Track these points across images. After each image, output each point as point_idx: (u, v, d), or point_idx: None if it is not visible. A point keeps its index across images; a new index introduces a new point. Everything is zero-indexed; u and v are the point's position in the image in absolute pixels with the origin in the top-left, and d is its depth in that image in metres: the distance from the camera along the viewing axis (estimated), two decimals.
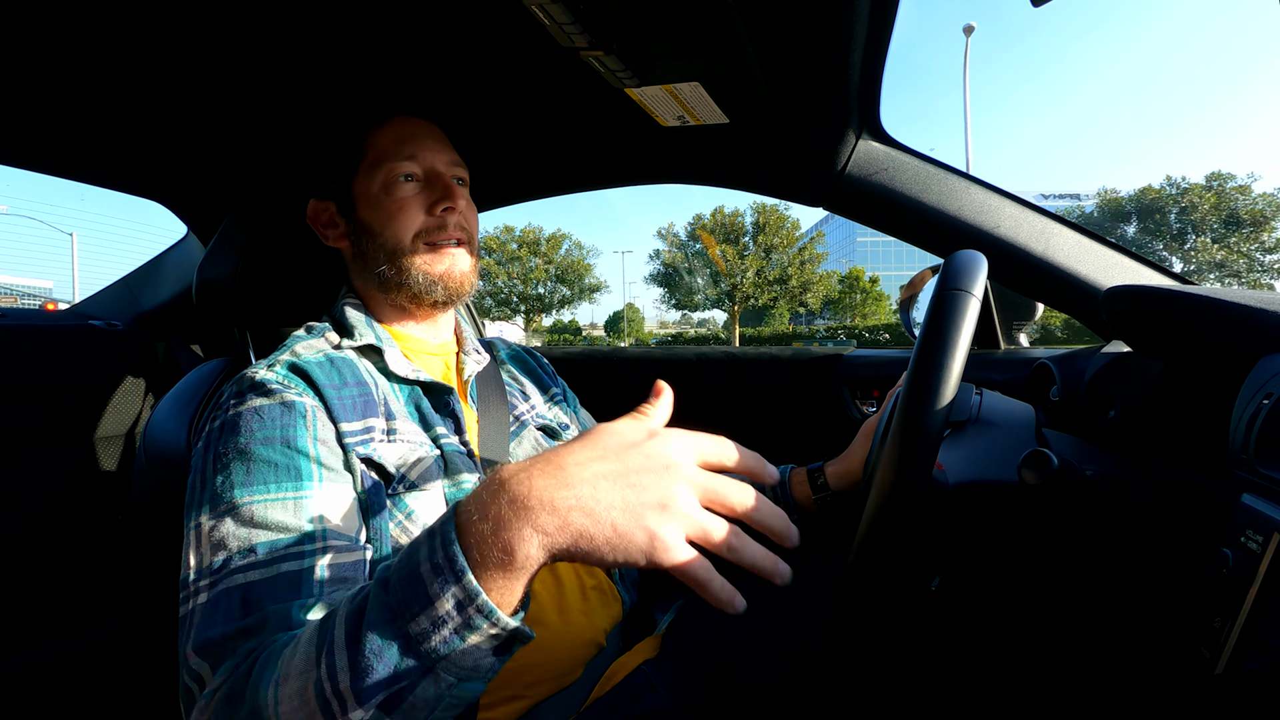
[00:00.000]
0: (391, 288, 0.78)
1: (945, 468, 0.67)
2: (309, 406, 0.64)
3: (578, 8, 0.65)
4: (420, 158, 0.78)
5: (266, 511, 0.57)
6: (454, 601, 0.39)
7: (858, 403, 1.32)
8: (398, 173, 0.77)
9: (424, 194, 0.78)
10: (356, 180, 0.79)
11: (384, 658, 0.40)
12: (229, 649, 0.50)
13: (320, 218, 0.82)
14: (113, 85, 0.84)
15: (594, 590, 0.78)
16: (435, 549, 0.41)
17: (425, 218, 0.77)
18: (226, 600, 0.53)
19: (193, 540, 0.57)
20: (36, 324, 1.22)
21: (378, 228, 0.77)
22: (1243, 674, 0.43)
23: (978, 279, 0.51)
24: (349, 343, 0.74)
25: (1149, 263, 0.91)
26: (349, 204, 0.80)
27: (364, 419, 0.68)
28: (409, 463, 0.68)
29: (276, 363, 0.67)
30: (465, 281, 0.80)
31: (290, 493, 0.59)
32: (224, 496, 0.58)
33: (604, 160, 1.18)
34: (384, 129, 0.79)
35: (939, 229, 0.97)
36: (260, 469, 0.59)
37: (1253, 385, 0.52)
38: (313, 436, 0.63)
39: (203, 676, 0.51)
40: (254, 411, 0.63)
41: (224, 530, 0.56)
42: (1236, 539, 0.45)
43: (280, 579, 0.54)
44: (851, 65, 0.80)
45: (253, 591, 0.53)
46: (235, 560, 0.55)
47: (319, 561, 0.57)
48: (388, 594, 0.41)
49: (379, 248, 0.77)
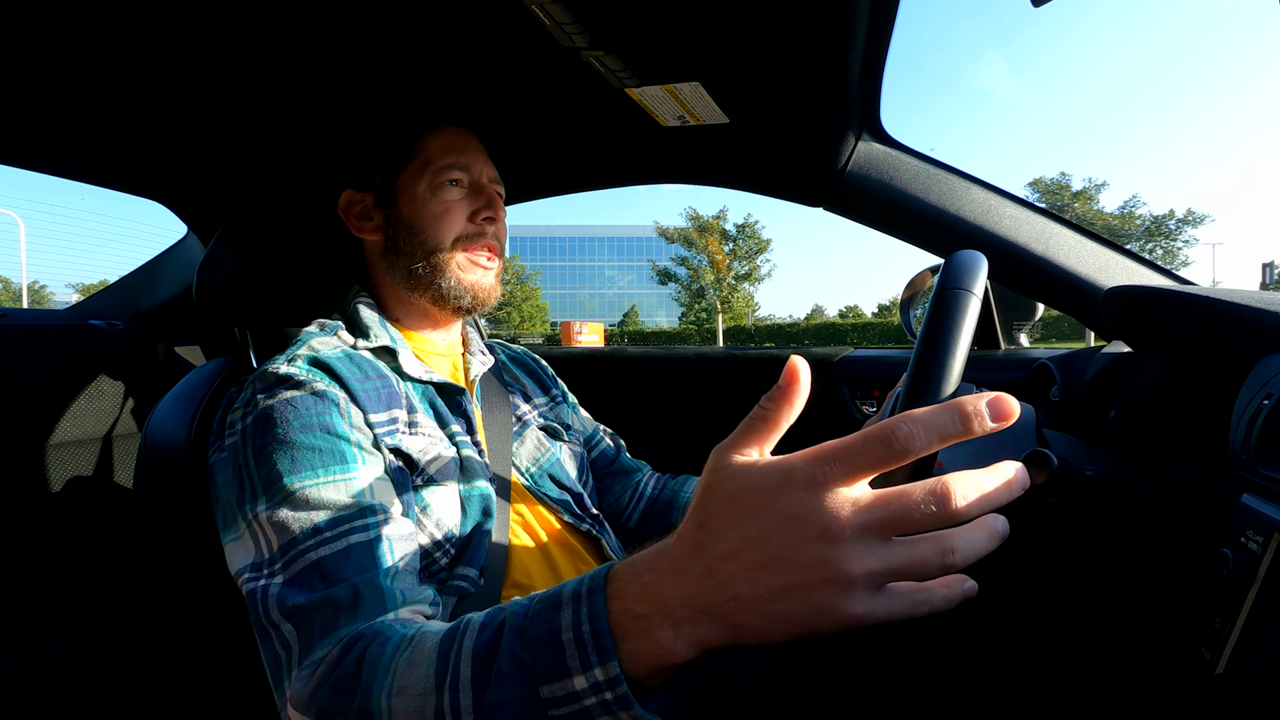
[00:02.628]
0: (420, 287, 0.80)
1: (945, 466, 0.67)
2: (339, 395, 0.66)
3: (578, 7, 0.65)
4: (471, 168, 0.81)
5: (320, 493, 0.59)
6: (592, 682, 0.37)
7: (858, 403, 1.32)
8: (448, 177, 0.79)
9: (468, 201, 0.81)
10: (402, 177, 0.80)
11: (510, 711, 0.39)
12: (320, 618, 0.52)
13: (353, 209, 0.83)
14: (113, 84, 0.84)
15: None
16: (582, 619, 0.38)
17: (467, 224, 0.80)
18: (304, 576, 0.55)
19: (249, 531, 0.59)
20: (37, 323, 1.22)
21: (419, 226, 0.79)
22: (1243, 674, 0.43)
23: (978, 279, 0.51)
24: (364, 343, 0.76)
25: (1149, 263, 0.91)
26: (389, 198, 0.81)
27: (388, 410, 0.70)
28: (429, 457, 0.70)
29: (296, 358, 0.68)
30: (492, 293, 0.83)
31: (339, 475, 0.61)
32: (275, 486, 0.59)
33: (604, 160, 1.18)
34: (437, 135, 0.82)
35: (939, 229, 0.97)
36: (305, 455, 0.61)
37: (1253, 385, 0.52)
38: (349, 423, 0.65)
39: (291, 644, 0.52)
40: (287, 403, 0.64)
41: (283, 515, 0.58)
42: (1237, 539, 0.45)
43: (352, 550, 0.56)
44: (851, 65, 0.80)
45: (327, 565, 0.55)
46: (301, 540, 0.57)
47: (384, 531, 0.59)
48: (523, 647, 0.40)
49: (418, 244, 0.79)
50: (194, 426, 0.77)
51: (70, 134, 0.96)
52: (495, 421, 0.82)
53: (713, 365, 1.45)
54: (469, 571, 0.68)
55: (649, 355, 1.54)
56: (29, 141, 0.99)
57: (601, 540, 0.81)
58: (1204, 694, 0.48)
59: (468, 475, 0.72)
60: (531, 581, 0.73)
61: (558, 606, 0.40)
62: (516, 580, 0.73)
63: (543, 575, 0.75)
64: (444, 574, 0.68)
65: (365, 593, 0.54)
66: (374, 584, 0.55)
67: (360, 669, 0.47)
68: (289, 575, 0.56)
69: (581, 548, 0.80)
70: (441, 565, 0.67)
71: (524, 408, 0.90)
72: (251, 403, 0.65)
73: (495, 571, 0.70)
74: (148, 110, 0.91)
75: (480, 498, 0.71)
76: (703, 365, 1.45)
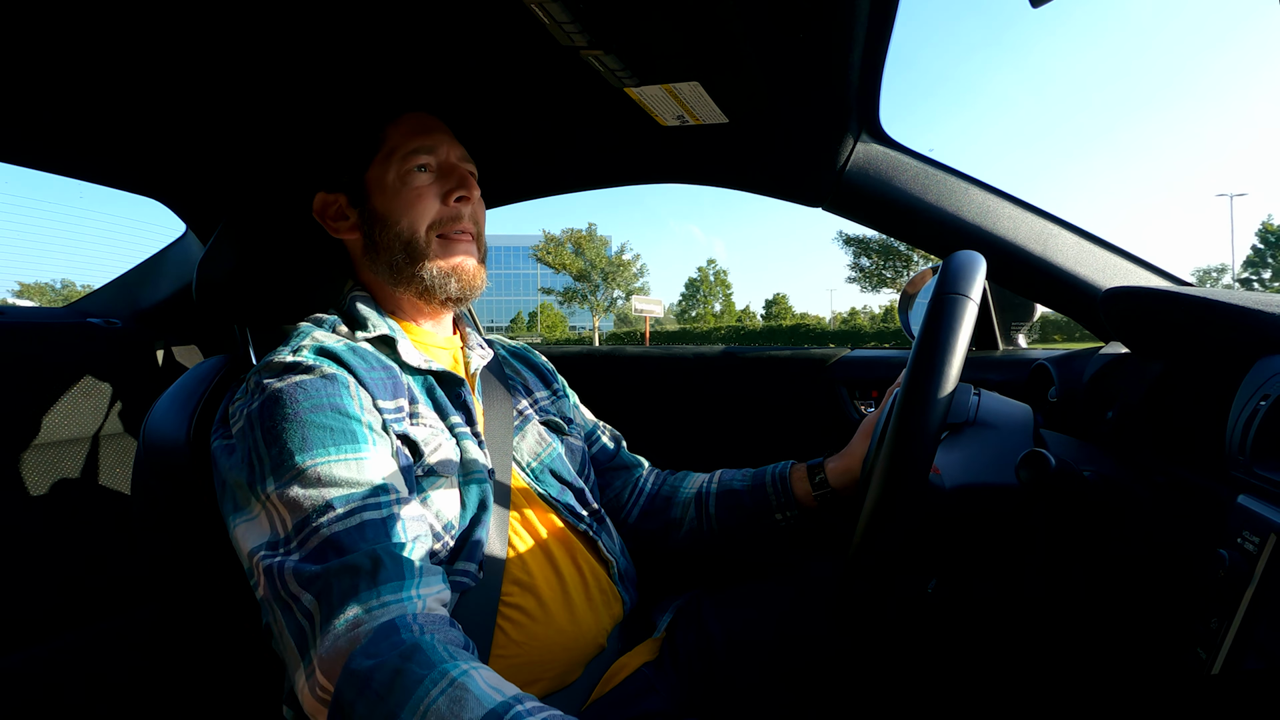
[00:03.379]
0: (403, 280, 0.79)
1: (942, 470, 0.67)
2: (348, 379, 0.66)
3: (577, 6, 0.65)
4: (437, 150, 0.80)
5: (332, 470, 0.59)
6: None
7: (856, 402, 1.32)
8: (414, 163, 0.79)
9: (438, 184, 0.80)
10: (370, 170, 0.80)
11: None
12: (339, 584, 0.53)
13: (328, 210, 0.83)
14: (111, 82, 0.84)
15: (597, 591, 0.78)
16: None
17: (440, 207, 0.79)
18: (319, 551, 0.55)
19: (264, 510, 0.59)
20: (35, 321, 1.22)
21: (393, 217, 0.78)
22: (1239, 675, 0.43)
23: (976, 281, 0.51)
24: (363, 334, 0.75)
25: (1148, 264, 0.91)
26: (361, 194, 0.80)
27: (395, 399, 0.70)
28: (432, 447, 0.70)
29: (302, 348, 0.68)
30: (477, 276, 0.82)
31: (350, 453, 0.61)
32: (286, 464, 0.59)
33: (603, 160, 1.18)
34: (399, 123, 0.81)
35: (938, 229, 0.97)
36: (316, 433, 0.61)
37: (1250, 386, 0.52)
38: (359, 405, 0.65)
39: (313, 612, 0.53)
40: (296, 385, 0.63)
41: (294, 494, 0.58)
42: (1233, 540, 0.45)
43: (366, 526, 0.57)
44: (851, 65, 0.80)
45: (342, 539, 0.56)
46: (314, 517, 0.57)
47: (395, 510, 0.59)
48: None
49: (394, 237, 0.78)
50: (193, 424, 0.77)
51: (70, 133, 0.96)
52: (496, 415, 0.81)
53: (710, 364, 1.45)
54: (468, 566, 0.68)
55: (647, 354, 1.54)
56: (29, 140, 0.99)
57: (598, 541, 0.81)
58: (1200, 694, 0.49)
59: (467, 468, 0.72)
60: (531, 578, 0.73)
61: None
62: (515, 576, 0.72)
63: (542, 572, 0.74)
64: (443, 568, 0.68)
65: (385, 560, 0.55)
66: (392, 553, 0.56)
67: (394, 685, 0.47)
68: (305, 551, 0.56)
69: (581, 544, 0.80)
70: (441, 559, 0.67)
71: (525, 402, 0.89)
72: (258, 388, 0.65)
73: (494, 567, 0.70)
74: (147, 109, 0.91)
75: (479, 491, 0.71)
76: (701, 365, 1.45)
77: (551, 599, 0.73)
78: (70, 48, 0.76)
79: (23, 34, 0.72)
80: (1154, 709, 0.59)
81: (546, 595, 0.73)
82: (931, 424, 0.46)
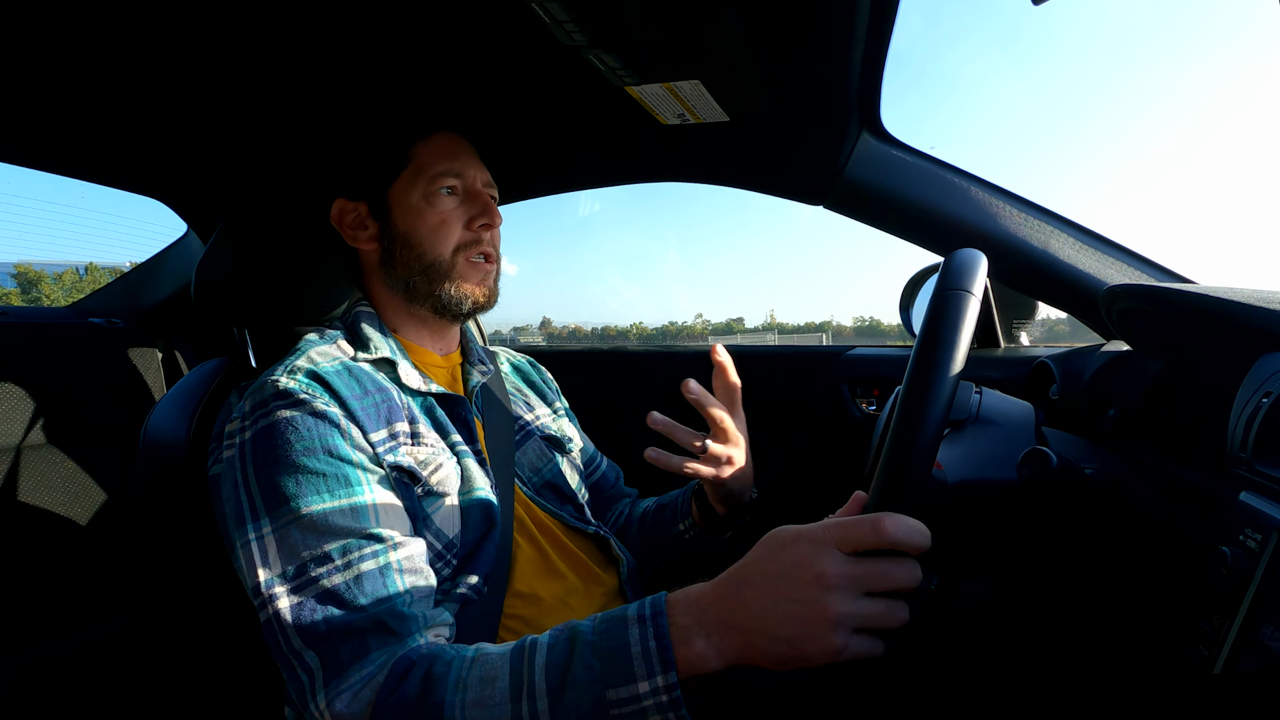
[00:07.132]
0: (420, 298, 0.79)
1: (945, 467, 0.67)
2: (338, 414, 0.65)
3: (577, 5, 0.65)
4: (464, 174, 0.80)
5: (327, 519, 0.59)
6: (654, 687, 0.46)
7: (858, 400, 1.32)
8: (441, 184, 0.78)
9: (463, 208, 0.80)
10: (395, 186, 0.79)
11: (580, 712, 0.47)
12: (345, 645, 0.55)
13: (347, 218, 0.82)
14: (113, 82, 0.84)
15: (600, 595, 0.78)
16: (648, 636, 0.48)
17: (464, 232, 0.79)
18: (319, 603, 0.56)
19: (257, 551, 0.59)
20: (37, 321, 1.22)
21: (415, 238, 0.78)
22: (1241, 673, 0.43)
23: (977, 278, 0.51)
24: (364, 355, 0.74)
25: (1149, 262, 0.91)
26: (383, 208, 0.80)
27: (388, 425, 0.69)
28: (432, 467, 0.70)
29: (296, 370, 0.67)
30: (492, 297, 0.83)
31: (344, 499, 0.61)
32: (281, 509, 0.60)
33: (603, 159, 1.18)
34: (429, 141, 0.81)
35: (939, 227, 0.97)
36: (309, 480, 0.61)
37: (1252, 384, 0.52)
38: (351, 444, 0.64)
39: (314, 669, 0.55)
40: (287, 423, 0.63)
41: (291, 540, 0.58)
42: (1235, 537, 0.45)
43: (363, 579, 0.58)
44: (852, 63, 0.79)
45: (341, 592, 0.57)
46: (312, 567, 0.58)
47: (392, 557, 0.60)
48: (594, 655, 0.48)
49: (415, 258, 0.78)
50: (193, 426, 0.77)
51: (71, 132, 0.96)
52: (496, 431, 0.81)
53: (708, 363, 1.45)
54: (472, 580, 0.68)
55: (647, 354, 1.54)
56: (30, 140, 0.99)
57: (610, 541, 0.81)
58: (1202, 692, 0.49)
59: (469, 484, 0.72)
60: (534, 591, 0.73)
61: (624, 625, 0.49)
62: (519, 590, 0.72)
63: (545, 585, 0.74)
64: (447, 584, 0.67)
65: (389, 621, 0.56)
66: (395, 612, 0.57)
67: (429, 686, 0.51)
68: (303, 600, 0.56)
69: (586, 555, 0.80)
70: (444, 575, 0.67)
71: (527, 417, 0.89)
72: (250, 417, 0.65)
73: (498, 580, 0.70)
74: (148, 109, 0.91)
75: (482, 507, 0.71)
76: (701, 363, 1.45)
77: (554, 609, 0.73)
78: (71, 48, 0.76)
79: (23, 34, 0.72)
80: (1155, 707, 0.60)
81: (549, 605, 0.73)
82: (934, 416, 0.46)
